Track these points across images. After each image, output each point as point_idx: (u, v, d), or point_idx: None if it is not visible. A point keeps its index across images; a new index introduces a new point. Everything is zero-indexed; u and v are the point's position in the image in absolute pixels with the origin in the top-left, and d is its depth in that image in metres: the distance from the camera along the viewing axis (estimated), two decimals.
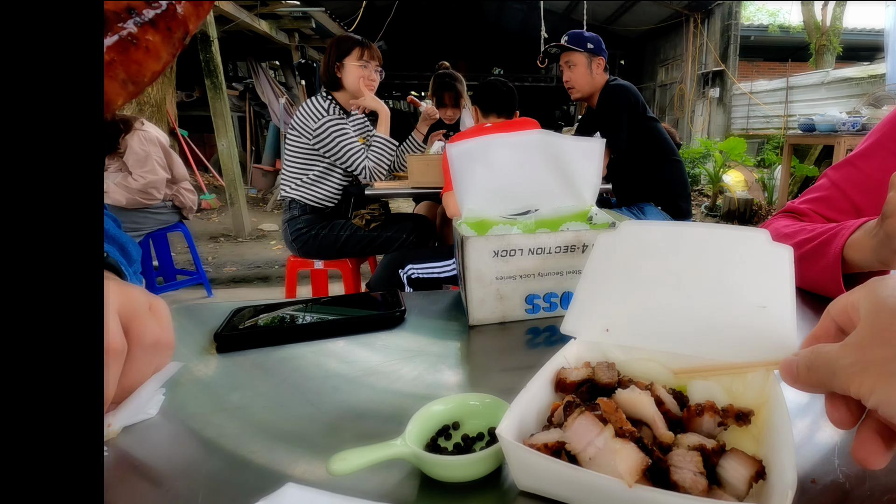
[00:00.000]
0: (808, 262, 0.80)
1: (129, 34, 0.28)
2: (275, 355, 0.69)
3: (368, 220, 2.46)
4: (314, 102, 2.30)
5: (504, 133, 0.79)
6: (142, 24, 0.29)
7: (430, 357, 0.68)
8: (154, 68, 0.31)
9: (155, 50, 0.30)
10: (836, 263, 0.75)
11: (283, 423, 0.53)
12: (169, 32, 0.31)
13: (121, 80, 0.29)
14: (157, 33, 0.30)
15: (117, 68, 0.29)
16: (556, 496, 0.40)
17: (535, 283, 0.76)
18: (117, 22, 0.28)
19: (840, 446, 0.47)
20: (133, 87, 0.30)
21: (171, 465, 0.47)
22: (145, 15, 0.29)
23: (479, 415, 0.49)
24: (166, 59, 0.32)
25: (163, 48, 0.31)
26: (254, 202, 6.89)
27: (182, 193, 3.04)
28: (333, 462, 0.39)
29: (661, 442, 0.40)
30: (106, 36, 0.27)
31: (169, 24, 0.31)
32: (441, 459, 0.41)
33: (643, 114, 2.49)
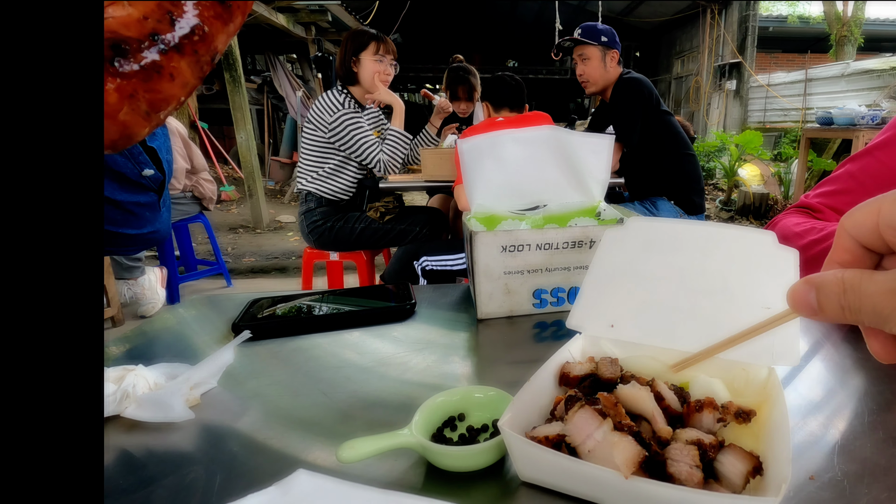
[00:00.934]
0: (817, 265, 0.79)
1: (152, 63, 0.26)
2: (290, 345, 0.71)
3: (383, 213, 2.48)
4: (330, 96, 2.32)
5: (513, 129, 0.80)
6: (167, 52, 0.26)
7: (439, 349, 0.70)
8: (179, 96, 0.28)
9: (181, 77, 0.27)
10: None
11: (297, 410, 0.55)
12: (196, 56, 0.28)
13: (143, 111, 0.27)
14: (183, 58, 0.27)
15: (140, 100, 0.26)
16: (557, 487, 0.42)
17: (543, 278, 0.78)
18: (139, 51, 0.25)
19: (840, 445, 0.48)
20: (156, 117, 0.28)
21: (191, 449, 0.49)
22: (170, 40, 0.26)
23: (484, 407, 0.50)
24: (193, 84, 0.29)
25: (189, 73, 0.28)
26: (272, 194, 6.96)
27: (202, 184, 3.09)
28: (343, 450, 0.41)
29: (659, 436, 0.42)
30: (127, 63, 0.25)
31: (196, 48, 0.28)
32: (446, 449, 0.42)
33: (657, 107, 2.46)
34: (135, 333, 0.76)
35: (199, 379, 0.57)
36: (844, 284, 0.25)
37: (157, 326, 0.79)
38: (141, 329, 0.78)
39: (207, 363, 0.58)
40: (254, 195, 5.42)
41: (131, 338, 0.74)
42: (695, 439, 0.40)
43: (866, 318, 0.24)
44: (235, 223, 5.71)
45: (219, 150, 5.99)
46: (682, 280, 0.57)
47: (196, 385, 0.58)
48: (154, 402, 0.53)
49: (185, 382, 0.55)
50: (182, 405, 0.53)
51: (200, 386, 0.58)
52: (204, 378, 0.58)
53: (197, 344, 0.73)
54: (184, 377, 0.56)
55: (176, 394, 0.53)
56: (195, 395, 0.57)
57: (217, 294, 0.85)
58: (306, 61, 7.65)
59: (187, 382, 0.56)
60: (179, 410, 0.53)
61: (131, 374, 0.56)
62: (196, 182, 3.05)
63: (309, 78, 7.62)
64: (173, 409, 0.52)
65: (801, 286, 0.27)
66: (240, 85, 5.00)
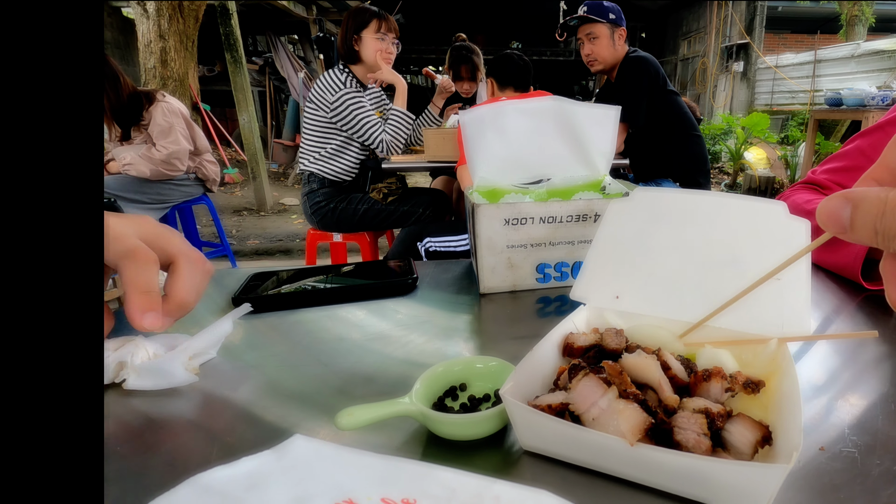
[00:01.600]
0: (831, 246, 0.77)
1: None
2: (290, 319, 0.70)
3: (386, 194, 2.46)
4: (331, 75, 2.29)
5: (517, 99, 0.78)
6: None
7: (441, 324, 0.69)
8: None
9: None
10: (861, 251, 0.73)
11: (295, 382, 0.55)
12: None
13: None
14: None
15: None
16: (560, 456, 0.41)
17: (547, 252, 0.76)
18: None
19: (851, 417, 0.47)
20: None
21: (188, 419, 0.49)
22: None
23: (485, 377, 0.49)
24: None
25: None
26: (275, 177, 6.94)
27: (205, 166, 3.07)
28: (341, 417, 0.40)
29: (665, 405, 0.41)
30: None
31: None
32: (447, 417, 0.41)
33: (663, 87, 2.42)
34: None
35: (198, 349, 0.57)
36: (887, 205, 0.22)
37: None
38: None
39: (206, 333, 0.57)
40: (257, 178, 5.40)
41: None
42: (702, 408, 0.39)
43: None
44: (239, 206, 5.70)
45: (221, 133, 5.96)
46: (689, 251, 0.55)
47: (195, 355, 0.57)
48: (154, 371, 0.52)
49: (185, 352, 0.55)
50: (183, 370, 0.53)
51: (199, 356, 0.58)
52: (203, 348, 0.58)
53: (196, 317, 0.72)
54: (182, 347, 0.55)
55: (176, 360, 0.53)
56: (194, 365, 0.56)
57: (219, 270, 0.84)
58: (308, 42, 7.57)
59: (186, 352, 0.55)
60: (181, 376, 0.53)
61: (130, 344, 0.55)
62: (199, 163, 3.03)
63: (311, 59, 7.54)
64: (175, 375, 0.52)
65: (836, 200, 0.24)
66: (241, 66, 4.96)
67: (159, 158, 2.74)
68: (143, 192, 2.73)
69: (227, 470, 0.29)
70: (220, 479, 0.28)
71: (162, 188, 2.87)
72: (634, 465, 0.36)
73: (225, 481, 0.28)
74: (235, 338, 0.65)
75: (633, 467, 0.37)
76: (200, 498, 0.26)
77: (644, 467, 0.36)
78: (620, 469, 0.38)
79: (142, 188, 2.73)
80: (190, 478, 0.27)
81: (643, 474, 0.37)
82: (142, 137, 2.79)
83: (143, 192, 2.74)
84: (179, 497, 0.26)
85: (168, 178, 2.83)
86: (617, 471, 0.38)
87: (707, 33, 9.42)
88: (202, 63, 6.72)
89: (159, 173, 2.77)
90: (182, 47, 4.73)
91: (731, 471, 0.33)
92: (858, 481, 0.38)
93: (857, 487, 0.38)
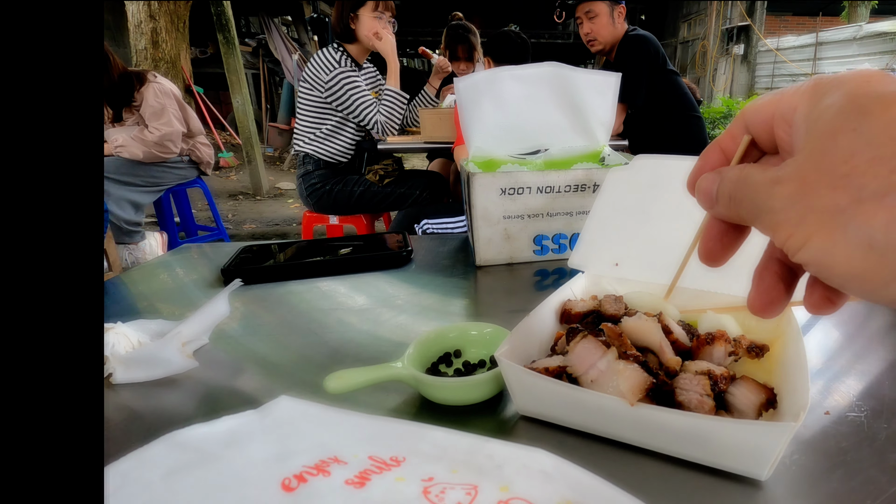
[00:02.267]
0: None
1: None
2: (281, 290, 0.68)
3: (382, 176, 2.43)
4: (325, 54, 2.25)
5: (513, 66, 0.76)
6: None
7: (435, 296, 0.67)
8: None
9: None
10: None
11: (284, 350, 0.53)
12: None
13: None
14: None
15: None
16: (557, 420, 0.39)
17: (544, 224, 0.74)
18: None
19: (857, 383, 0.46)
20: None
21: (170, 387, 0.47)
22: None
23: (481, 344, 0.48)
24: None
25: None
26: (270, 161, 6.87)
27: (198, 148, 3.03)
28: (330, 380, 0.38)
29: (667, 368, 0.39)
30: None
31: None
32: (440, 381, 0.40)
33: (663, 66, 2.39)
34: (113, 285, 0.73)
35: (191, 334, 0.51)
36: (741, 173, 0.23)
37: (139, 276, 0.76)
38: (124, 278, 0.75)
39: (199, 316, 0.52)
40: (252, 162, 5.35)
41: (109, 290, 0.71)
42: (705, 370, 0.38)
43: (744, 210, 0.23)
44: (235, 190, 5.66)
45: (216, 116, 5.89)
46: (692, 217, 0.54)
47: (188, 341, 0.51)
48: (146, 360, 0.47)
49: (177, 337, 0.49)
50: (180, 356, 0.47)
51: (193, 342, 0.52)
52: (196, 333, 0.52)
53: (186, 293, 0.70)
54: (174, 332, 0.50)
55: (169, 345, 0.47)
56: (188, 352, 0.50)
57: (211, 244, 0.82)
58: (302, 23, 7.46)
59: (178, 337, 0.49)
60: (179, 362, 0.47)
61: (111, 333, 0.49)
62: (193, 146, 2.99)
63: (305, 41, 7.44)
64: (171, 362, 0.47)
65: (711, 174, 0.25)
66: (234, 47, 4.88)
67: (152, 140, 2.70)
68: (136, 174, 2.70)
69: (206, 427, 0.27)
70: (197, 436, 0.26)
71: (155, 171, 2.83)
72: (635, 427, 0.35)
73: (202, 438, 0.26)
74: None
75: (633, 429, 0.35)
76: (173, 453, 0.24)
77: (645, 429, 0.35)
78: (620, 432, 0.36)
79: (135, 170, 2.70)
80: (165, 434, 0.26)
81: (644, 437, 0.36)
82: (133, 119, 2.75)
83: (137, 175, 2.71)
84: (152, 453, 0.24)
85: (161, 160, 2.80)
86: (616, 434, 0.37)
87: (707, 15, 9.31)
88: (194, 45, 6.62)
89: (152, 155, 2.73)
90: (173, 28, 4.66)
91: (735, 430, 0.32)
92: (866, 444, 0.37)
93: (865, 450, 0.36)
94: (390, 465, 0.25)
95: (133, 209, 2.73)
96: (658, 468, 0.35)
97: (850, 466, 0.35)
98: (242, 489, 0.23)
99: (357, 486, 0.23)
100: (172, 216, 3.30)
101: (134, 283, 0.73)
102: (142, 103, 2.71)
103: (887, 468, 0.35)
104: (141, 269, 0.78)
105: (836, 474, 0.34)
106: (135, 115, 2.75)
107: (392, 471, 0.25)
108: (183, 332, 0.49)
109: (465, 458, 0.27)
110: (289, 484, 0.23)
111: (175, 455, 0.24)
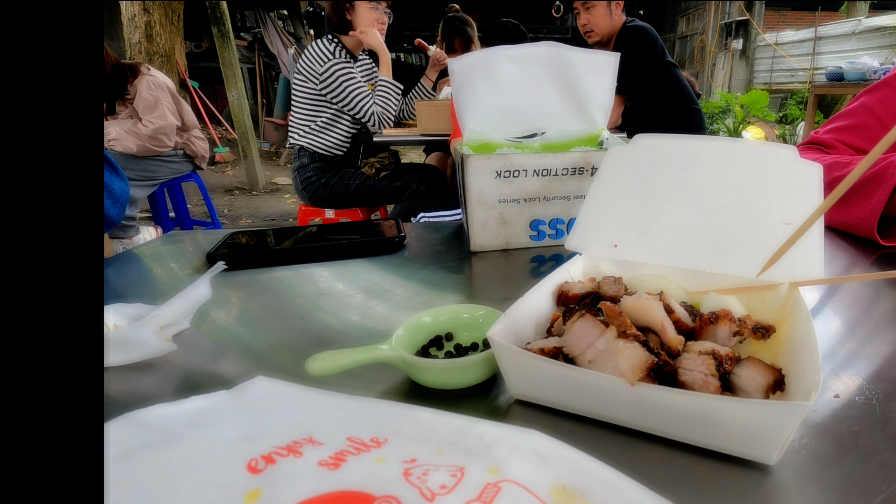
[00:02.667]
0: (843, 204, 0.73)
1: None
2: (269, 275, 0.66)
3: (378, 169, 2.41)
4: (320, 45, 2.22)
5: (509, 46, 0.73)
6: None
7: (428, 282, 0.65)
8: None
9: None
10: (878, 206, 0.69)
11: (269, 334, 0.51)
12: None
13: None
14: None
15: None
16: (553, 403, 0.37)
17: (541, 208, 0.72)
18: None
19: (867, 365, 0.44)
20: None
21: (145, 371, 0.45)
22: None
23: (473, 327, 0.46)
24: None
25: None
26: (267, 156, 6.83)
27: (193, 142, 3.00)
28: (312, 362, 0.36)
29: (669, 348, 0.37)
30: None
31: None
32: (430, 363, 0.38)
33: (662, 58, 2.36)
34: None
35: (169, 318, 0.49)
36: None
37: (125, 261, 0.74)
38: (109, 263, 0.73)
39: (179, 299, 0.50)
40: (248, 156, 5.31)
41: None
42: (709, 350, 0.36)
43: None
44: (231, 185, 5.63)
45: (211, 110, 5.84)
46: (693, 197, 0.52)
47: (167, 325, 0.48)
48: (122, 343, 0.45)
49: (153, 320, 0.46)
50: (157, 338, 0.45)
51: (172, 326, 0.50)
52: (176, 317, 0.50)
53: (170, 277, 0.68)
54: (151, 315, 0.47)
55: (145, 328, 0.45)
56: (166, 336, 0.48)
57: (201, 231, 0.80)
58: (298, 17, 7.41)
59: (155, 320, 0.47)
60: (156, 344, 0.45)
61: None
62: (187, 139, 2.96)
63: (301, 35, 7.39)
64: (147, 344, 0.45)
65: None
66: (229, 41, 4.83)
67: (146, 133, 2.67)
68: (129, 168, 2.67)
69: (171, 407, 0.25)
70: (161, 416, 0.24)
71: (149, 164, 2.80)
72: (635, 409, 0.33)
73: (167, 417, 0.24)
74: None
75: (634, 411, 0.33)
76: (131, 433, 0.22)
77: (645, 411, 0.33)
78: (620, 415, 0.34)
79: (128, 164, 2.67)
80: (124, 414, 0.24)
81: (645, 419, 0.34)
82: (127, 112, 2.72)
83: (130, 169, 2.67)
84: (108, 433, 0.22)
85: (155, 153, 2.77)
86: (616, 417, 0.35)
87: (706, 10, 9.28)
88: (189, 39, 6.57)
89: (146, 149, 2.70)
90: (167, 21, 4.62)
91: (742, 410, 0.30)
92: (878, 427, 0.35)
93: (878, 434, 0.34)
94: (370, 447, 0.23)
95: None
96: (660, 452, 0.33)
97: (863, 450, 0.33)
98: (205, 469, 0.20)
99: (331, 468, 0.21)
100: (167, 210, 3.27)
101: (118, 268, 0.70)
102: (135, 96, 2.68)
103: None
104: (127, 254, 0.76)
105: (849, 458, 0.32)
106: (128, 108, 2.72)
107: (371, 452, 0.23)
108: (161, 316, 0.46)
109: (452, 439, 0.25)
110: (255, 465, 0.20)
111: (133, 435, 0.22)
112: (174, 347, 0.46)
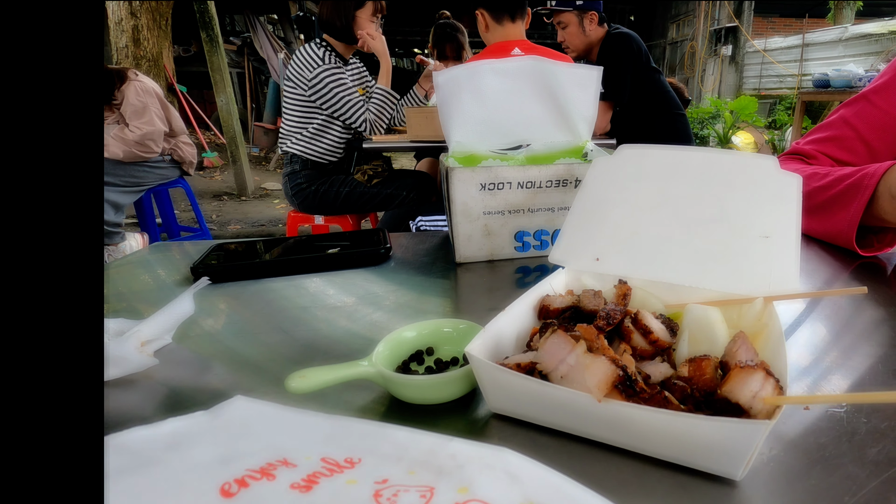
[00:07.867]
0: (822, 214, 0.75)
1: None
2: (253, 287, 0.66)
3: (370, 176, 2.41)
4: (308, 50, 2.21)
5: (493, 59, 0.74)
6: None
7: (413, 294, 0.66)
8: None
9: None
10: (856, 217, 0.71)
11: (250, 348, 0.51)
12: None
13: None
14: None
15: None
16: (529, 418, 0.38)
17: (525, 220, 0.73)
18: None
19: (837, 378, 0.45)
20: None
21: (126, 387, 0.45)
22: None
23: (454, 341, 0.46)
24: None
25: None
26: (256, 161, 6.81)
27: (181, 147, 2.98)
28: (292, 379, 0.37)
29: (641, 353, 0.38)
30: None
31: None
32: (409, 379, 0.38)
33: (646, 64, 2.39)
34: None
35: (151, 334, 0.49)
36: None
37: (109, 273, 0.74)
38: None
39: (162, 315, 0.49)
40: (237, 161, 5.29)
41: None
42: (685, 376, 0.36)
43: None
44: (220, 190, 5.60)
45: (199, 115, 5.81)
46: (675, 209, 0.53)
47: (148, 340, 0.48)
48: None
49: (134, 336, 0.46)
50: (138, 354, 0.45)
51: (154, 342, 0.50)
52: (157, 333, 0.49)
53: (155, 290, 0.68)
54: (132, 331, 0.47)
55: (126, 344, 0.45)
56: (148, 351, 0.48)
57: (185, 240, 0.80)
58: (287, 21, 7.41)
59: (137, 336, 0.46)
60: (136, 359, 0.45)
61: None
62: (175, 145, 2.94)
63: (291, 39, 7.39)
64: (128, 360, 0.44)
65: None
66: (217, 45, 4.82)
67: (133, 139, 2.65)
68: (115, 174, 2.65)
69: (148, 430, 0.25)
70: (137, 439, 0.24)
71: (136, 170, 2.78)
72: (604, 425, 0.34)
73: (142, 440, 0.24)
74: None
75: (603, 427, 0.34)
76: (108, 457, 0.23)
77: (614, 426, 0.33)
78: (591, 429, 0.35)
79: (115, 170, 2.65)
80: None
81: (615, 434, 0.34)
82: (114, 117, 2.70)
83: (116, 175, 2.66)
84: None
85: (142, 159, 2.75)
86: (588, 432, 0.35)
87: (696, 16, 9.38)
88: (177, 43, 6.54)
89: (133, 155, 2.68)
90: (155, 25, 4.59)
91: (707, 427, 0.30)
92: (845, 439, 0.36)
93: (844, 445, 0.35)
94: (343, 468, 0.23)
95: (113, 210, 2.68)
96: (632, 467, 0.34)
97: (829, 462, 0.34)
98: (178, 495, 0.21)
99: (303, 491, 0.21)
100: (154, 217, 3.26)
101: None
102: (123, 101, 2.66)
103: (866, 463, 0.34)
104: (112, 265, 0.76)
105: (815, 470, 0.33)
106: (115, 114, 2.70)
107: (344, 473, 0.23)
108: (143, 331, 0.46)
109: (424, 458, 0.25)
110: (228, 489, 0.21)
111: (109, 459, 0.23)
112: (156, 363, 0.46)
